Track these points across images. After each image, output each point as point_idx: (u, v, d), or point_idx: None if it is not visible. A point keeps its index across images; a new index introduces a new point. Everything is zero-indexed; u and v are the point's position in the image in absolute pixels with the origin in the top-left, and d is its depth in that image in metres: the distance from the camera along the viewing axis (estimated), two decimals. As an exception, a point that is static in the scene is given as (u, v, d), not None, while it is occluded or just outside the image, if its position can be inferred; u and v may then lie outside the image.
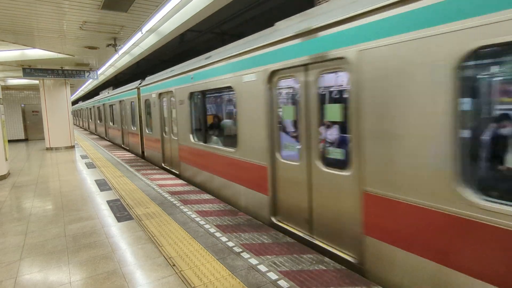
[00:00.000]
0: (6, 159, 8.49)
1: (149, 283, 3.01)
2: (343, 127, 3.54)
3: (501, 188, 2.41)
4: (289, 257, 3.43)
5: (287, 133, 4.33)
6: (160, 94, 8.79)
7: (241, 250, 3.64)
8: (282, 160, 4.22)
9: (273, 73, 4.19)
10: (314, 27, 3.43)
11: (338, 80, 3.61)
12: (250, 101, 4.67)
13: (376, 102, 2.84)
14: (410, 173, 2.61)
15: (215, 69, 5.62)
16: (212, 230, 4.24)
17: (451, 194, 2.33)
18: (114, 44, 8.02)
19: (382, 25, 2.75)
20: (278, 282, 2.96)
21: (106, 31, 7.05)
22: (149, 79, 10.26)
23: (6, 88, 17.59)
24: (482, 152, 2.56)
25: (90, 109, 25.51)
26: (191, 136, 6.97)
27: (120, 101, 14.07)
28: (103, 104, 18.72)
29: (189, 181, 7.19)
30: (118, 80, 22.62)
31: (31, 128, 19.05)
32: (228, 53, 5.18)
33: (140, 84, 10.91)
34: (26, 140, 18.95)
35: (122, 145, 14.64)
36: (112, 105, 16.12)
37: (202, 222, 4.53)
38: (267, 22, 9.65)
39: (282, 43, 3.97)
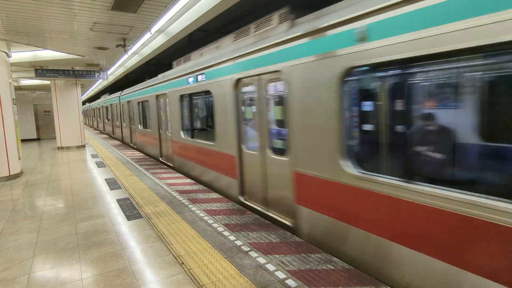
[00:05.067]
0: (19, 158, 8.68)
1: (158, 281, 3.04)
2: None
3: None
4: (297, 256, 3.43)
5: None
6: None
7: (249, 249, 3.65)
8: None
9: None
10: None
11: None
12: None
13: None
14: None
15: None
16: (220, 229, 4.27)
17: None
18: (124, 44, 8.12)
19: None
20: (286, 281, 2.96)
21: (115, 31, 7.15)
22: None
23: (19, 88, 17.97)
24: None
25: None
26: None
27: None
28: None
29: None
30: (127, 80, 22.85)
31: (43, 128, 19.42)
32: None
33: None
34: (38, 139, 19.32)
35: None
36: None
37: (210, 221, 4.56)
38: (275, 21, 9.58)
39: None
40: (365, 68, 3.11)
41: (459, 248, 2.39)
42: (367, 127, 3.41)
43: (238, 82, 5.25)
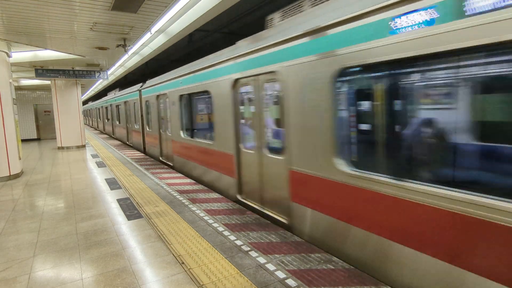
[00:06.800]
0: (20, 158, 8.68)
1: (159, 281, 3.05)
2: None
3: None
4: (297, 256, 3.43)
5: None
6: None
7: (249, 248, 3.66)
8: None
9: None
10: None
11: None
12: None
13: None
14: None
15: None
16: (220, 228, 4.27)
17: None
18: (124, 44, 8.13)
19: None
20: (286, 280, 2.97)
21: (116, 31, 7.15)
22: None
23: (19, 88, 17.98)
24: None
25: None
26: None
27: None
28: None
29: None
30: (127, 80, 22.88)
31: (43, 128, 19.41)
32: None
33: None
34: (38, 139, 19.32)
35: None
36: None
37: (210, 221, 4.56)
38: (275, 21, 9.56)
39: None
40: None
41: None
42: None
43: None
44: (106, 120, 24.18)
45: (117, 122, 18.72)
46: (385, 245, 2.90)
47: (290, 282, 2.94)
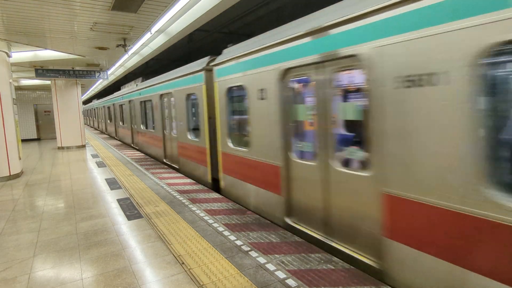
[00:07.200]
0: (20, 158, 8.68)
1: (159, 281, 3.05)
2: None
3: None
4: (297, 256, 3.43)
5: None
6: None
7: (249, 248, 3.65)
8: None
9: None
10: None
11: None
12: None
13: None
14: None
15: None
16: (220, 228, 4.27)
17: None
18: (124, 44, 8.13)
19: None
20: (286, 281, 2.97)
21: (116, 31, 7.15)
22: None
23: (19, 88, 17.98)
24: None
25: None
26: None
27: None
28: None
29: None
30: (127, 80, 22.87)
31: (43, 128, 19.44)
32: None
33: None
34: (38, 139, 19.33)
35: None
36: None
37: (210, 221, 4.56)
38: (274, 21, 9.61)
39: None
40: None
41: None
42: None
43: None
44: (121, 123, 17.60)
45: (143, 127, 12.40)
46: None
47: (290, 282, 2.94)
